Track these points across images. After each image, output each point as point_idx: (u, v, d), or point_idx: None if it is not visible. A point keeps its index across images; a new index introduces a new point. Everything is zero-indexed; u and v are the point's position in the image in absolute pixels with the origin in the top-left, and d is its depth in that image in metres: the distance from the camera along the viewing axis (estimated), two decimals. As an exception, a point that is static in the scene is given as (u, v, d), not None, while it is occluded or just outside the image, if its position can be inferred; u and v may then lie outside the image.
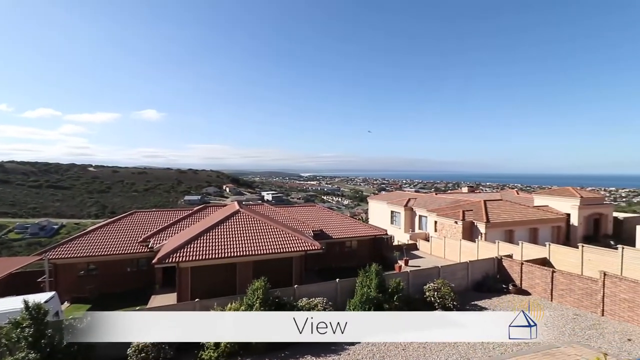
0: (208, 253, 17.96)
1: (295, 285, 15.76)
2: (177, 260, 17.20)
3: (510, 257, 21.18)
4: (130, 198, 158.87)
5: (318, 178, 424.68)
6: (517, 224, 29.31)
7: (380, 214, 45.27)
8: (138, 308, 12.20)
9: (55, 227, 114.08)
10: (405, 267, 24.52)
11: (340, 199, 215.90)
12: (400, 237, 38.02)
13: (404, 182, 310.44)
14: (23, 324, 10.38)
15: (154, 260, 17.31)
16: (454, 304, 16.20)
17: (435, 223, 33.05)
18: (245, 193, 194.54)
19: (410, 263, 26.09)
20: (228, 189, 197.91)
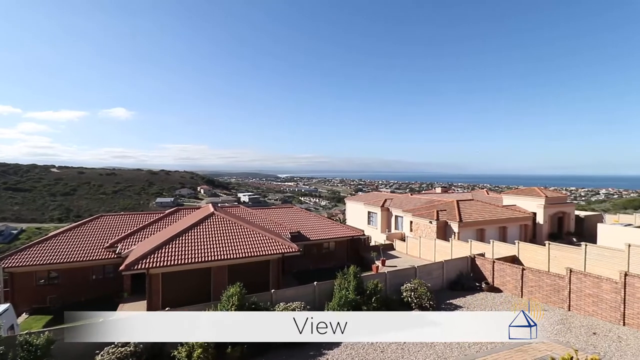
0: (180, 258, 17.21)
1: (273, 290, 15.39)
2: (146, 267, 16.35)
3: (483, 255, 21.79)
4: (98, 201, 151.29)
5: (295, 179, 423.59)
6: (487, 223, 30.29)
7: (358, 215, 45.54)
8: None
9: (15, 232, 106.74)
10: (383, 267, 24.71)
11: (318, 200, 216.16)
12: (377, 237, 38.37)
13: (380, 182, 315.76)
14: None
15: (122, 267, 16.35)
16: (430, 304, 16.39)
17: (411, 223, 33.59)
18: (221, 195, 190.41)
19: (387, 263, 26.33)
20: (203, 191, 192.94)
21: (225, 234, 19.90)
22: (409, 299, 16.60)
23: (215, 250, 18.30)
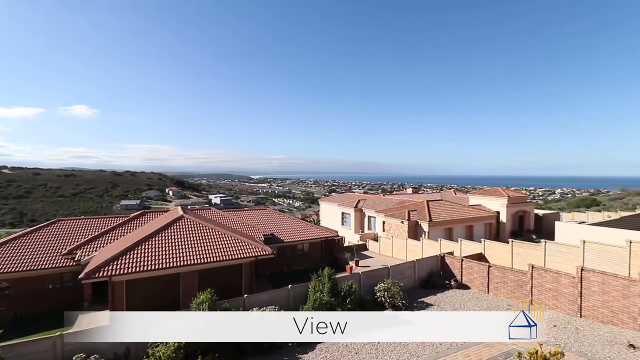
0: (146, 264, 16.38)
1: (245, 295, 15.00)
2: (109, 274, 15.41)
3: (452, 254, 22.52)
4: (55, 204, 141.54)
5: (269, 180, 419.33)
6: (455, 222, 31.40)
7: (332, 216, 45.69)
8: (57, 333, 10.57)
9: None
10: (356, 267, 24.88)
11: (292, 201, 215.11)
12: (351, 237, 38.67)
13: (353, 183, 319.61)
14: None
15: (81, 275, 15.29)
16: (403, 303, 16.69)
17: (384, 223, 34.14)
18: (191, 197, 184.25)
19: (361, 263, 26.55)
20: (171, 193, 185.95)
21: (195, 238, 19.20)
22: (383, 299, 16.81)
23: (184, 255, 17.59)
